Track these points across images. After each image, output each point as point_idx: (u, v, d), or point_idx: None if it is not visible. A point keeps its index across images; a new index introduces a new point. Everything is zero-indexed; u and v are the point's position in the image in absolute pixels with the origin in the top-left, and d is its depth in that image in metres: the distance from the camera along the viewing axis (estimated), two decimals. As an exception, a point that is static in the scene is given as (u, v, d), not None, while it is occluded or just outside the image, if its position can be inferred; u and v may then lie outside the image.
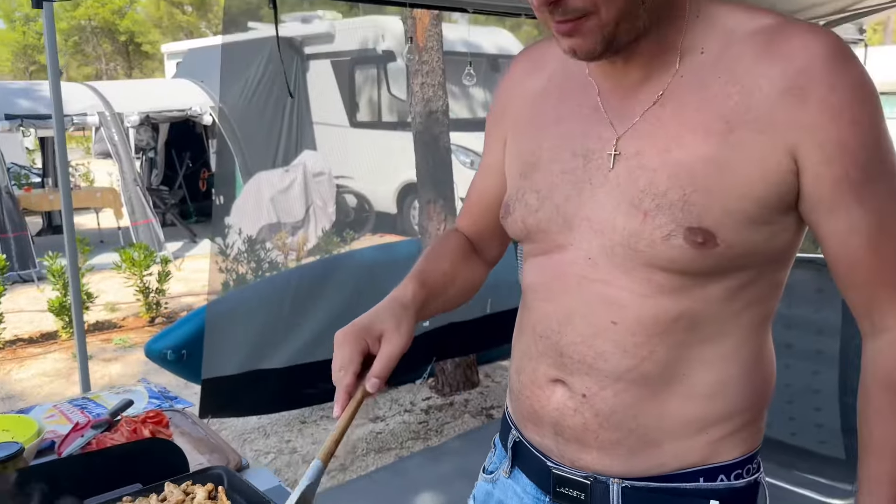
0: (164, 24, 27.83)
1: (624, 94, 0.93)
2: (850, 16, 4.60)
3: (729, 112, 0.85)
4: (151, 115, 8.69)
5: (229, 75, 7.36)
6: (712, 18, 0.89)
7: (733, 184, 0.84)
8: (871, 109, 0.83)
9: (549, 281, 0.98)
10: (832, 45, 0.82)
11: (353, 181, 8.37)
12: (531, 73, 1.07)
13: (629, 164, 0.90)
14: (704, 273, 0.88)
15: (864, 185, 0.84)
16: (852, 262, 0.88)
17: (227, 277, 5.24)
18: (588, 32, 0.84)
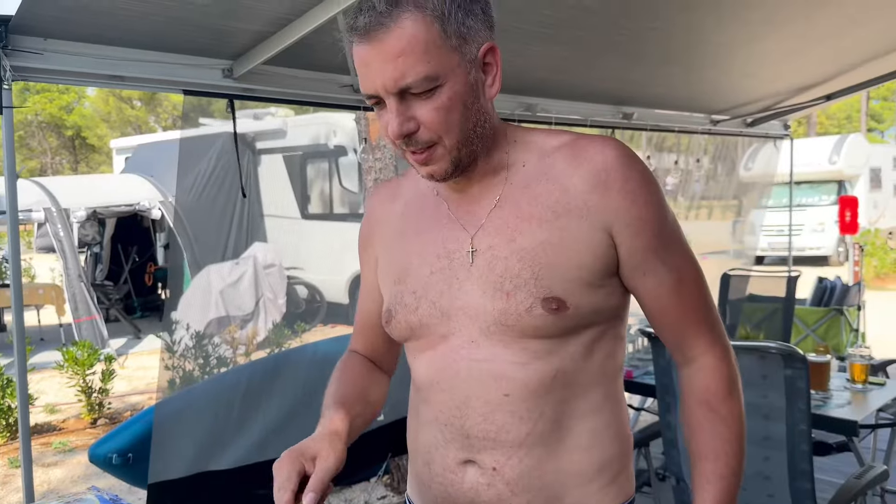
0: (113, 118, 27.87)
1: (469, 203, 1.13)
2: (774, 114, 4.93)
3: (553, 204, 1.07)
4: (98, 210, 8.60)
5: (185, 169, 7.41)
6: (526, 141, 1.13)
7: (568, 258, 1.05)
8: (656, 191, 1.08)
9: (441, 371, 1.12)
10: (620, 148, 1.08)
11: (304, 272, 8.36)
12: (389, 202, 1.25)
13: (486, 257, 1.09)
14: (565, 334, 1.07)
15: (663, 249, 1.09)
16: (662, 309, 1.11)
17: (174, 375, 5.11)
18: (439, 158, 1.04)
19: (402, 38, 0.97)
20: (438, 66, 0.99)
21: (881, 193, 16.45)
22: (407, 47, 0.97)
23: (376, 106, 1.04)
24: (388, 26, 0.97)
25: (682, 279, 1.11)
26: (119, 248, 10.15)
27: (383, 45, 0.97)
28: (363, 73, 1.02)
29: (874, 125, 37.53)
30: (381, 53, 0.98)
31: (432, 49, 0.98)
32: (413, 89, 0.99)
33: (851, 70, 4.41)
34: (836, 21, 3.55)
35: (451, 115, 1.01)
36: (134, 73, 2.51)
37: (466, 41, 1.01)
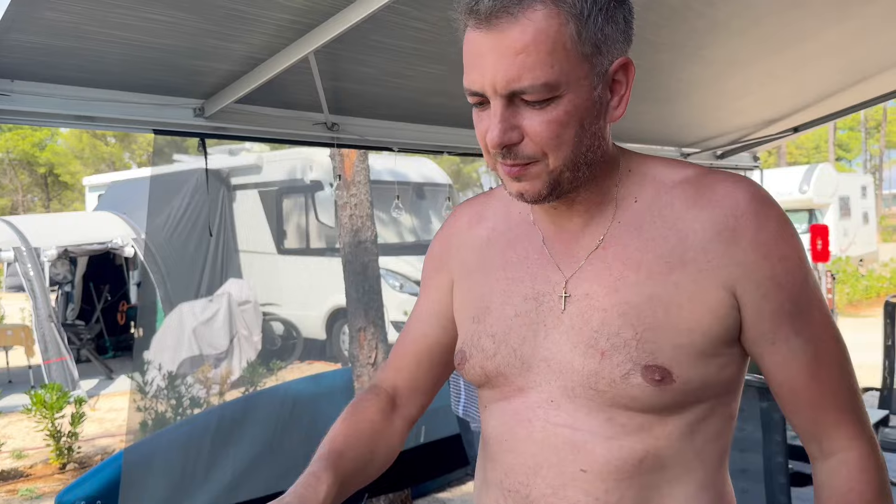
0: (86, 155, 27.69)
1: (567, 239, 0.98)
2: (743, 146, 5.01)
3: (668, 253, 0.91)
4: (70, 249, 8.49)
5: (157, 206, 7.35)
6: (642, 172, 0.98)
7: (680, 320, 0.89)
8: (795, 245, 0.91)
9: (513, 428, 0.97)
10: (752, 190, 0.92)
11: (280, 308, 8.28)
12: (475, 224, 1.10)
13: (580, 306, 0.93)
14: (664, 410, 0.90)
15: (798, 317, 0.91)
16: (794, 389, 0.93)
17: (145, 417, 5.01)
18: (535, 177, 0.90)
19: (527, 32, 0.83)
20: (562, 74, 0.84)
21: (850, 221, 16.76)
22: (531, 44, 0.83)
23: (477, 106, 0.90)
24: (515, 15, 0.83)
25: (819, 353, 0.93)
26: (91, 286, 10.00)
27: (504, 37, 0.83)
28: (472, 64, 0.87)
29: (842, 154, 38.38)
30: (500, 46, 0.84)
31: (560, 52, 0.84)
32: (526, 95, 0.85)
33: (817, 103, 4.50)
34: (799, 57, 3.63)
35: (563, 131, 0.86)
36: (103, 113, 2.49)
37: (600, 51, 0.87)
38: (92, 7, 1.97)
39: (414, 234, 9.36)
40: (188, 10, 2.10)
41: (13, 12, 1.89)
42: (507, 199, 1.03)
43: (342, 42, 2.34)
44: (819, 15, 3.14)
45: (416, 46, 2.60)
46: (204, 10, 2.12)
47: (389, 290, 7.93)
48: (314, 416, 3.02)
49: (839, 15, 3.20)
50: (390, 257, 8.16)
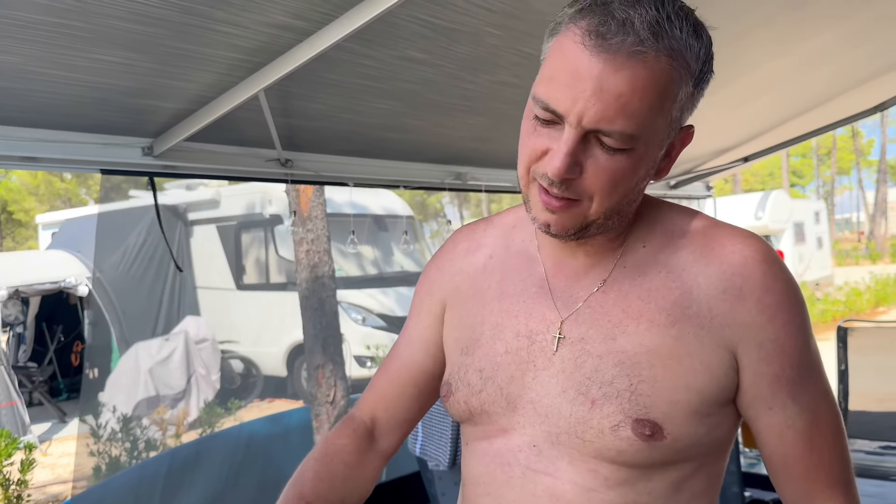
0: (41, 192, 27.15)
1: (569, 276, 0.95)
2: (695, 176, 5.11)
3: (670, 305, 0.88)
4: (21, 289, 8.26)
5: (106, 243, 7.21)
6: (653, 216, 0.95)
7: (677, 375, 0.86)
8: (801, 310, 0.90)
9: (492, 471, 0.94)
10: (763, 249, 0.89)
11: (239, 345, 8.15)
12: (473, 251, 1.07)
13: (574, 349, 0.90)
14: (651, 466, 0.87)
15: (797, 384, 0.89)
16: (787, 457, 0.91)
17: (98, 461, 4.86)
18: (572, 216, 0.87)
19: (639, 79, 0.79)
20: (648, 130, 0.82)
21: (805, 246, 17.16)
22: (639, 92, 0.79)
23: (541, 122, 0.85)
24: (635, 57, 0.78)
25: (816, 422, 0.90)
26: (44, 327, 9.73)
27: (615, 74, 0.78)
28: (564, 83, 0.81)
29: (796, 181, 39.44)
30: (604, 80, 0.79)
31: (657, 108, 0.82)
32: (608, 139, 0.81)
33: (767, 132, 4.62)
34: (747, 88, 3.73)
35: (620, 182, 0.84)
36: (48, 153, 2.44)
37: (682, 116, 0.87)
38: (34, 47, 1.93)
39: (376, 267, 9.32)
40: (136, 49, 2.08)
41: (-51, 54, 1.84)
42: (508, 228, 1.03)
43: (292, 80, 2.34)
44: (764, 46, 3.23)
45: (368, 83, 2.61)
46: (152, 49, 2.10)
47: (351, 323, 7.86)
48: (269, 458, 2.96)
49: (785, 46, 3.29)
50: (352, 290, 8.11)
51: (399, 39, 2.31)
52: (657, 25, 0.79)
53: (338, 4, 2.04)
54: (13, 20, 1.77)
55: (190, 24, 1.99)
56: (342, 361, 4.27)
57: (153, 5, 1.85)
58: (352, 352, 6.86)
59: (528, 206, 0.90)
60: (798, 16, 2.98)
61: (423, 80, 2.68)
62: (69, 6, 1.78)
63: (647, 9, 0.80)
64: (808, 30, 3.16)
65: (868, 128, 46.42)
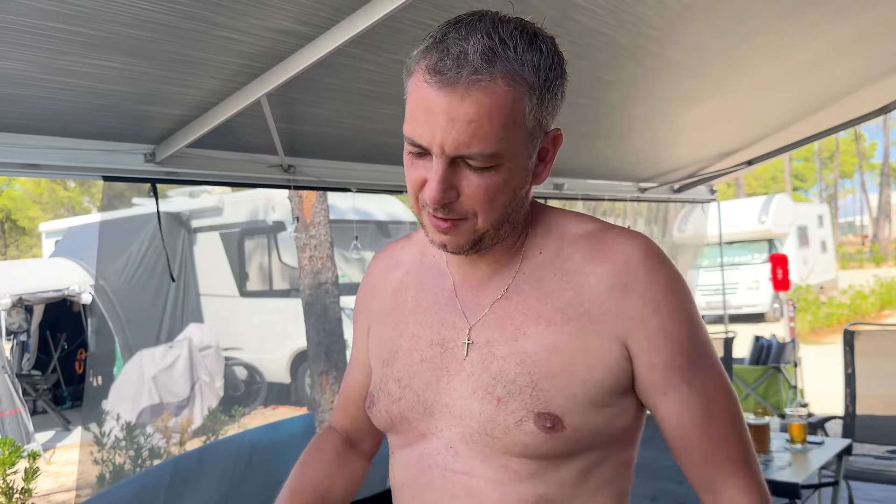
0: (45, 200, 27.22)
1: (475, 286, 1.02)
2: (699, 180, 5.10)
3: (565, 305, 0.94)
4: (25, 297, 8.27)
5: (109, 251, 7.21)
6: (547, 224, 1.02)
7: (573, 369, 0.92)
8: (685, 300, 0.95)
9: (415, 476, 1.00)
10: (645, 247, 0.95)
11: (242, 352, 8.14)
12: (390, 270, 1.14)
13: (481, 353, 0.96)
14: (556, 456, 0.92)
15: (689, 370, 0.94)
16: (687, 440, 0.96)
17: (102, 469, 4.85)
18: (463, 233, 0.93)
19: (482, 104, 0.85)
20: (507, 146, 0.88)
21: (809, 250, 17.12)
22: (486, 116, 0.85)
23: (413, 154, 0.91)
24: (474, 86, 0.84)
25: (711, 406, 0.95)
26: (48, 335, 9.74)
27: (461, 104, 0.85)
28: (421, 119, 0.87)
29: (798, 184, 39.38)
30: (453, 111, 0.85)
31: (509, 125, 0.87)
32: (472, 161, 0.88)
33: (770, 135, 4.61)
34: (751, 92, 3.72)
35: (498, 196, 0.90)
36: (50, 160, 2.43)
37: (541, 125, 0.92)
38: (36, 53, 1.93)
39: (379, 273, 9.29)
40: (138, 55, 2.08)
41: (-49, 60, 1.84)
42: (423, 243, 1.09)
43: (294, 85, 2.33)
44: (765, 51, 3.23)
45: (370, 88, 2.60)
46: (154, 55, 2.09)
47: (355, 330, 7.83)
48: (272, 465, 2.94)
49: (786, 50, 3.28)
50: (355, 296, 8.09)
51: (401, 44, 2.31)
52: (490, 52, 0.85)
53: (339, 9, 2.03)
54: (15, 25, 1.77)
55: (192, 29, 1.98)
56: (346, 367, 4.26)
57: (156, 10, 1.85)
58: (355, 358, 6.82)
59: (425, 230, 0.97)
60: (800, 20, 2.97)
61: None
62: (72, 11, 1.78)
63: (480, 38, 0.85)
64: (809, 34, 3.15)
65: (871, 131, 46.41)
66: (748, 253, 15.29)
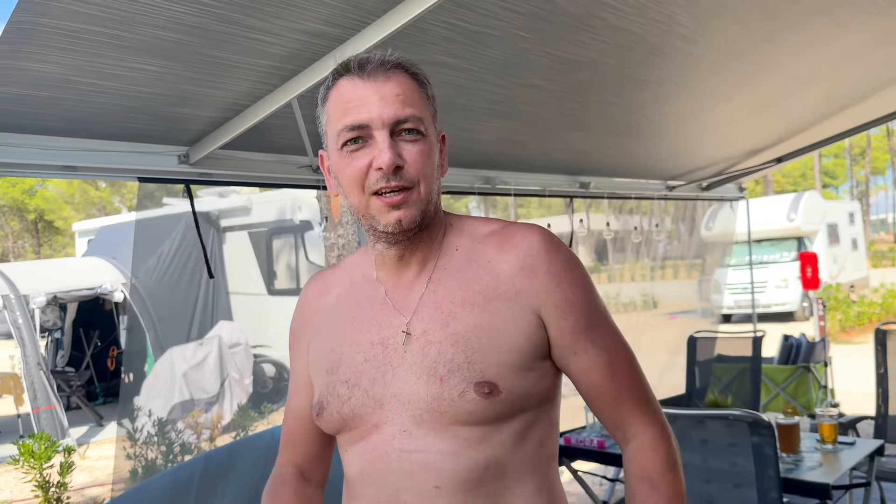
0: (77, 200, 27.68)
1: (405, 287, 1.14)
2: (727, 177, 5.06)
3: (484, 288, 1.10)
4: (59, 295, 8.43)
5: (142, 250, 7.33)
6: (460, 226, 1.19)
7: (499, 342, 1.07)
8: (581, 274, 1.13)
9: (372, 463, 1.09)
10: (544, 235, 1.13)
11: (271, 350, 8.22)
12: (324, 293, 1.25)
13: (420, 342, 1.09)
14: (497, 419, 1.06)
15: (591, 330, 1.11)
16: (598, 389, 1.13)
17: (135, 464, 4.93)
18: (412, 203, 1.08)
19: (402, 85, 1.07)
20: (426, 118, 1.09)
21: (839, 248, 16.85)
22: (407, 92, 1.07)
23: (352, 145, 1.07)
24: (389, 73, 1.07)
25: (613, 359, 1.13)
26: (81, 332, 9.92)
27: (385, 85, 1.06)
28: (353, 107, 1.06)
29: (828, 181, 38.75)
30: (381, 90, 1.06)
31: (423, 102, 1.10)
32: (407, 124, 1.06)
33: (800, 133, 4.56)
34: (780, 89, 3.69)
35: (427, 164, 1.08)
36: (87, 163, 2.50)
37: (435, 117, 1.14)
38: (74, 57, 1.98)
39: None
40: (172, 58, 2.12)
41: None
42: (350, 267, 1.23)
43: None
44: (795, 49, 3.20)
45: (399, 89, 2.62)
46: (187, 58, 2.14)
47: (381, 328, 7.88)
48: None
49: (816, 48, 3.25)
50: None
51: (428, 44, 2.33)
52: (392, 57, 1.09)
53: (369, 11, 2.06)
54: (55, 29, 1.82)
55: (225, 32, 2.02)
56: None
57: (190, 14, 1.89)
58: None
59: (374, 220, 1.09)
60: (829, 17, 2.94)
61: (452, 84, 2.69)
62: (109, 15, 1.82)
63: (380, 55, 1.08)
64: (839, 30, 3.12)
65: (904, 127, 45.42)
66: (777, 251, 15.10)
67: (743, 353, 4.72)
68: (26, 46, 1.86)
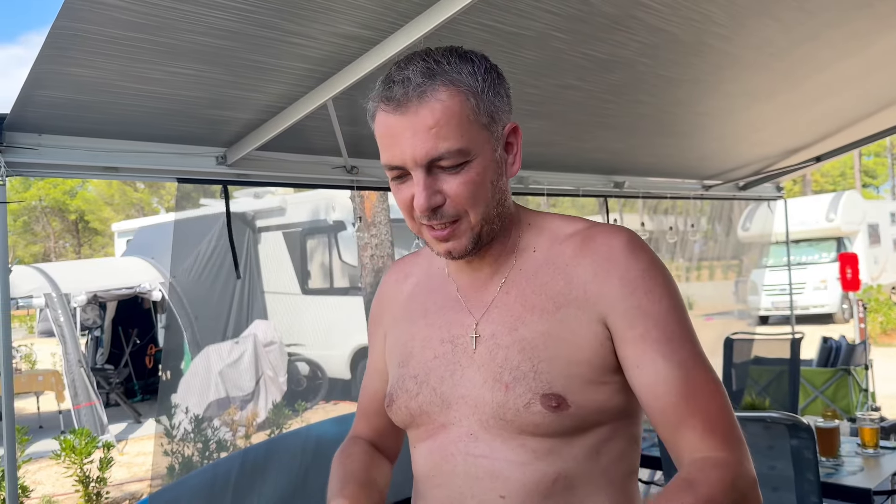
0: (116, 201, 28.23)
1: (478, 287, 1.11)
2: (765, 177, 4.98)
3: (556, 294, 1.04)
4: (99, 294, 8.61)
5: (180, 250, 7.46)
6: (540, 226, 1.12)
7: (567, 352, 1.01)
8: (663, 282, 1.02)
9: (438, 464, 1.06)
10: (627, 237, 1.05)
11: (305, 348, 8.30)
12: (401, 281, 1.24)
13: (488, 345, 1.05)
14: (566, 433, 1.00)
15: (665, 343, 0.99)
16: (663, 410, 0.98)
17: (172, 461, 5.02)
18: (461, 234, 1.03)
19: (436, 111, 0.97)
20: (470, 141, 0.99)
21: (881, 249, 16.47)
22: (441, 119, 0.97)
23: (396, 179, 1.02)
24: (423, 99, 0.96)
25: (688, 379, 0.98)
26: (120, 330, 10.12)
27: (417, 117, 0.97)
28: (388, 144, 1.00)
29: (868, 181, 37.92)
30: (414, 125, 0.97)
31: (465, 124, 0.98)
32: (444, 161, 0.98)
33: (840, 131, 4.48)
34: (819, 87, 3.62)
35: (478, 190, 1.00)
36: (128, 163, 2.55)
37: (494, 120, 1.02)
38: (116, 62, 2.02)
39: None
40: (210, 62, 2.16)
41: (39, 69, 1.95)
42: (430, 256, 1.19)
43: (358, 88, 2.38)
44: (835, 46, 3.14)
45: (433, 90, 2.63)
46: (225, 61, 2.17)
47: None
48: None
49: (857, 45, 3.19)
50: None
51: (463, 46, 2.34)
52: (427, 70, 0.98)
53: (403, 13, 2.07)
54: (100, 36, 1.86)
55: (263, 36, 2.05)
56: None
57: (229, 19, 1.92)
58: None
59: (429, 245, 1.07)
60: (869, 13, 2.89)
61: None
62: (151, 22, 1.86)
63: (417, 63, 1.00)
64: (879, 27, 3.06)
65: (949, 124, 44.16)
66: (816, 252, 14.81)
67: (781, 355, 4.65)
68: (70, 52, 1.91)
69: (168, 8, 1.81)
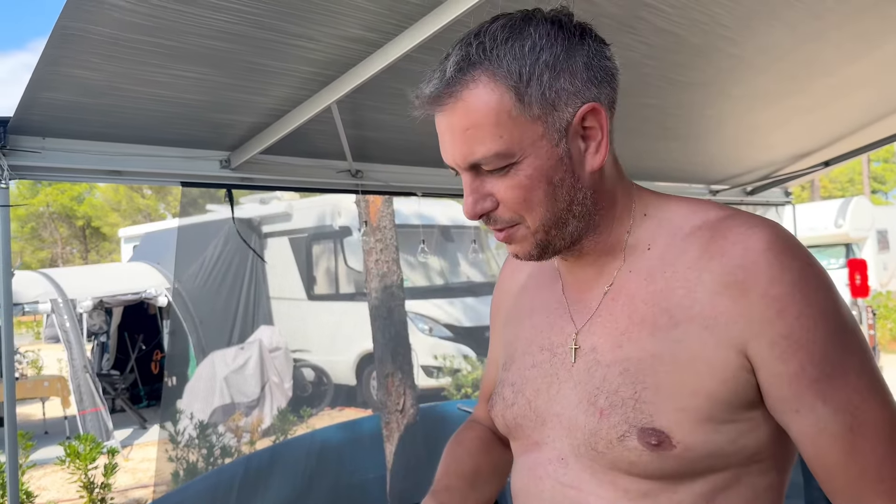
0: (123, 207, 28.33)
1: (581, 287, 0.95)
2: (773, 182, 4.95)
3: (674, 306, 0.84)
4: (105, 300, 8.62)
5: (185, 255, 7.46)
6: (658, 216, 0.92)
7: (682, 380, 0.81)
8: (819, 299, 0.80)
9: (528, 485, 0.95)
10: (769, 235, 0.81)
11: (310, 354, 8.28)
12: (516, 272, 1.13)
13: (587, 360, 0.89)
14: (669, 477, 0.82)
15: (824, 382, 0.79)
16: (827, 466, 0.81)
17: (176, 467, 5.01)
18: (521, 239, 0.90)
19: (469, 110, 0.84)
20: (512, 141, 0.84)
21: (890, 255, 16.38)
22: (477, 119, 0.84)
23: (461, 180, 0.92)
24: (456, 95, 0.84)
25: (855, 427, 0.79)
26: (126, 336, 10.12)
27: (452, 117, 0.85)
28: (441, 142, 0.89)
29: (877, 186, 37.79)
30: (451, 125, 0.86)
31: (505, 121, 0.83)
32: (484, 166, 0.86)
33: (848, 136, 4.44)
34: (827, 91, 3.59)
35: (532, 193, 0.85)
36: (131, 167, 2.54)
37: (555, 107, 0.85)
38: (120, 65, 2.02)
39: (442, 277, 9.35)
40: (214, 65, 2.15)
41: (43, 71, 1.94)
42: None
43: (363, 91, 2.37)
44: (842, 48, 3.11)
45: (437, 93, 2.62)
46: (229, 65, 2.16)
47: (418, 333, 7.90)
48: (342, 465, 2.99)
49: (865, 47, 3.16)
50: (419, 301, 8.16)
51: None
52: (463, 61, 0.85)
53: (407, 15, 2.06)
54: (103, 37, 1.85)
55: (266, 38, 2.04)
56: (411, 370, 4.29)
57: (233, 22, 1.91)
58: (419, 362, 6.87)
59: None
60: (878, 15, 2.86)
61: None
62: (154, 24, 1.85)
63: (458, 50, 0.86)
64: (889, 29, 3.03)
65: (957, 130, 43.99)
66: (824, 258, 14.72)
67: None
68: (72, 53, 1.90)
69: (172, 10, 1.80)
